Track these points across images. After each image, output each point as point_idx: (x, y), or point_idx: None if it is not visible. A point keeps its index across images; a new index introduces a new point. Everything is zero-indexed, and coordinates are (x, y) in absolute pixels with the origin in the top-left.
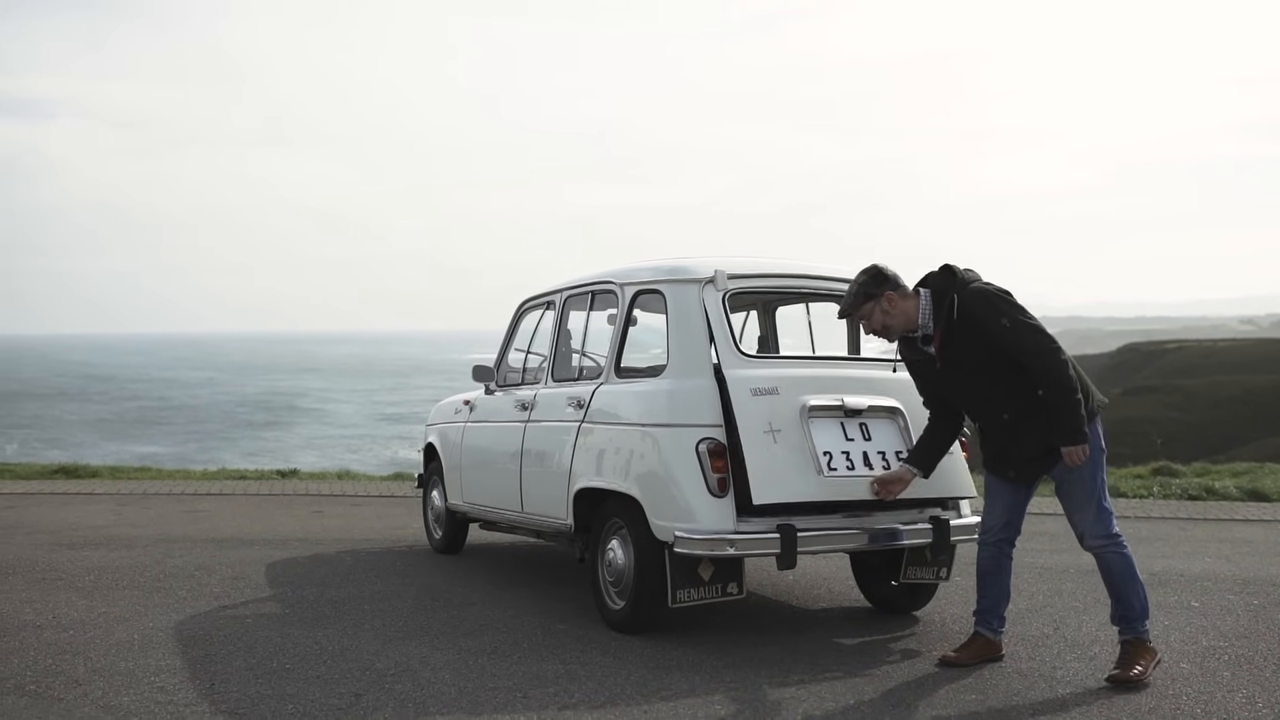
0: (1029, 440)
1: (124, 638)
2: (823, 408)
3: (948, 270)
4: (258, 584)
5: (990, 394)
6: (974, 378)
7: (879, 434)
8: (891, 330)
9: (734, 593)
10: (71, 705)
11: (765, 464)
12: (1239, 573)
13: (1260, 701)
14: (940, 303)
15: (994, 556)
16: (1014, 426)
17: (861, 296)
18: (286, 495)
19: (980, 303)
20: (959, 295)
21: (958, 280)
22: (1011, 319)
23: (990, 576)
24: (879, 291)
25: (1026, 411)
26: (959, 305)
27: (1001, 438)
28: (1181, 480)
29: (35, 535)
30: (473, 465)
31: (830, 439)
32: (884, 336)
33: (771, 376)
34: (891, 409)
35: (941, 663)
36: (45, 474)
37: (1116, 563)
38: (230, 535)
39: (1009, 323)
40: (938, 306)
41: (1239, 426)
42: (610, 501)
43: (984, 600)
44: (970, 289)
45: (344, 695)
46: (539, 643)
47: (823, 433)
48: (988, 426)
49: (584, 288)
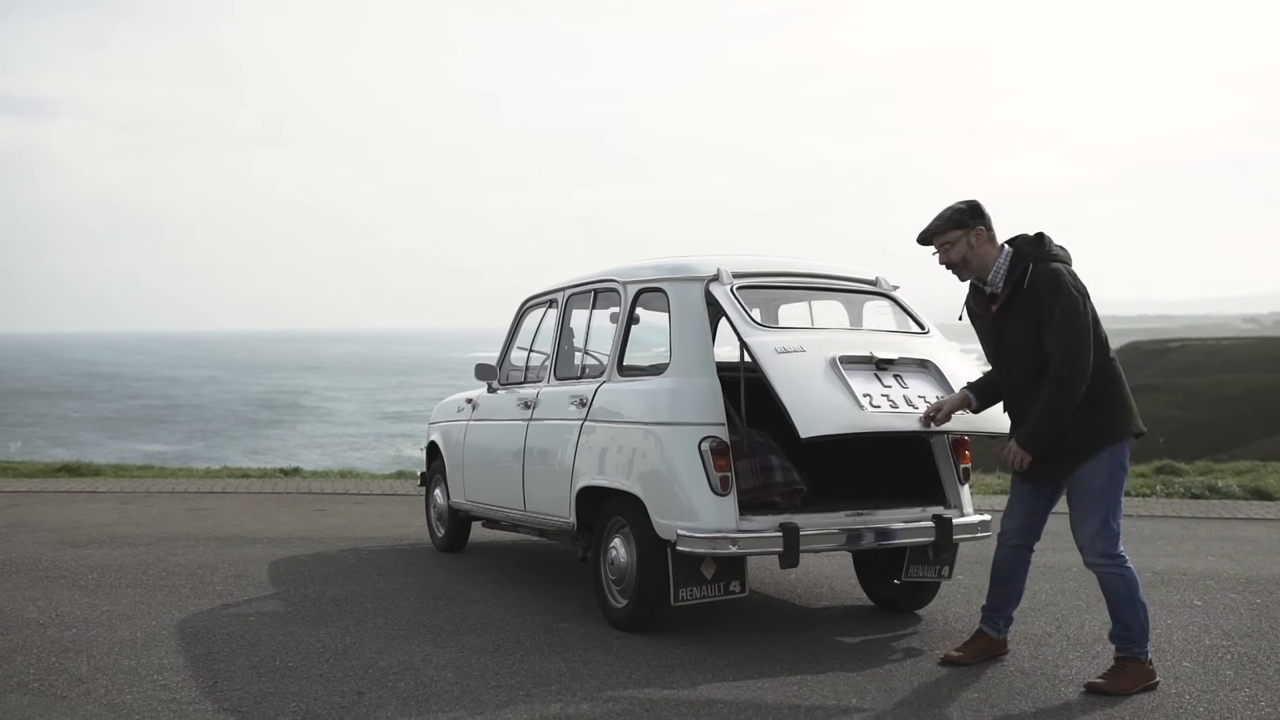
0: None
1: (127, 636)
2: (853, 358)
3: (1040, 238)
4: (260, 582)
5: (1023, 374)
6: (1015, 352)
7: (914, 382)
8: (966, 268)
9: (736, 591)
10: (75, 703)
11: (803, 402)
12: (1242, 571)
13: (1263, 700)
14: (1016, 266)
15: (1011, 559)
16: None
17: (953, 222)
18: (289, 493)
19: (1048, 281)
20: (1034, 266)
21: (1043, 251)
22: (1065, 311)
23: (1004, 577)
24: (973, 224)
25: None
26: (1031, 275)
27: (1020, 424)
28: (1184, 479)
29: (38, 533)
30: (475, 464)
31: (867, 384)
32: (955, 272)
33: (795, 339)
34: (922, 361)
35: (944, 661)
36: (48, 472)
37: (1116, 584)
38: (233, 533)
39: (1059, 313)
40: (1013, 268)
41: (1242, 425)
42: (613, 500)
43: (993, 598)
44: (1048, 266)
45: (346, 693)
46: (541, 641)
47: (858, 379)
48: (1014, 411)
49: (586, 286)
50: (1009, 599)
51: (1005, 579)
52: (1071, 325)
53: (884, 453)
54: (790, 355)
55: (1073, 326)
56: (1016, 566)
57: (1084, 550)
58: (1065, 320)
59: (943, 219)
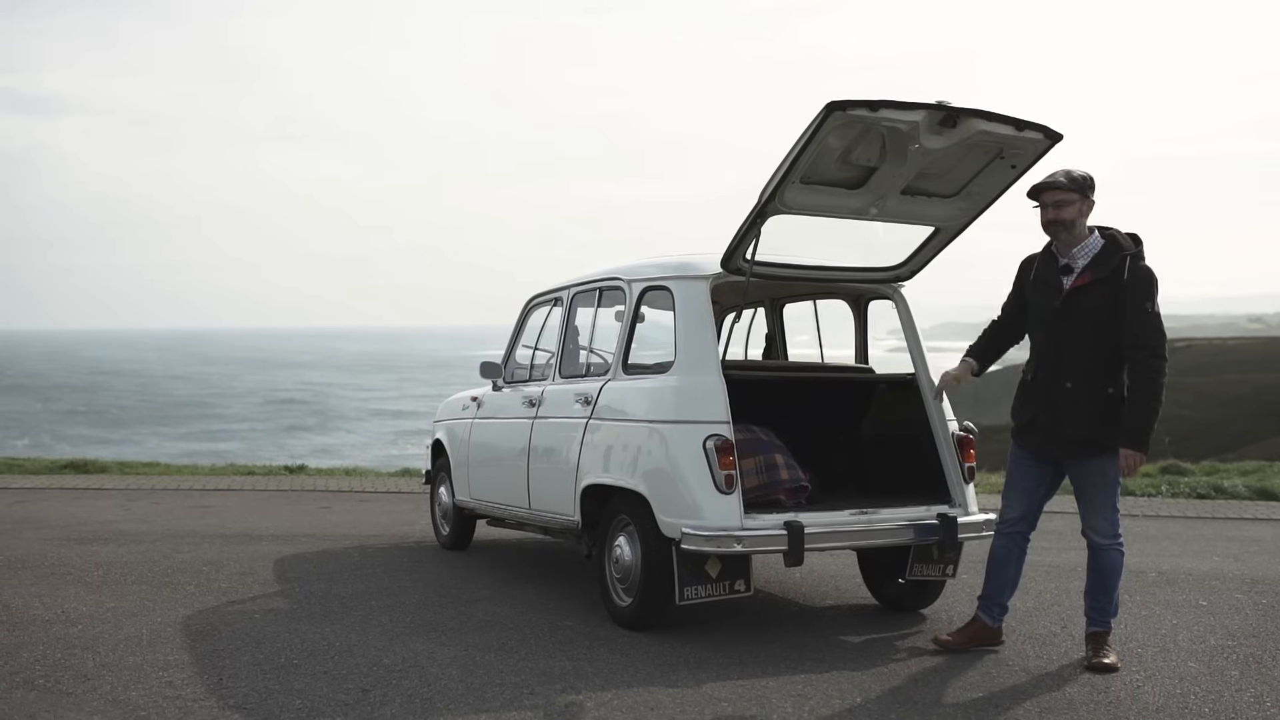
0: (1072, 419)
1: (132, 632)
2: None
3: (1137, 239)
4: (266, 579)
5: (1075, 355)
6: (1075, 332)
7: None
8: (1060, 228)
9: (741, 590)
10: (80, 699)
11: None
12: (1247, 572)
13: (1269, 701)
14: (1110, 254)
15: (1007, 545)
16: (1070, 398)
17: (1074, 186)
18: (294, 491)
19: (1147, 279)
20: (1134, 260)
21: (1141, 250)
22: (1154, 310)
23: (999, 564)
24: (1088, 197)
25: (1088, 393)
26: (1131, 268)
27: (1044, 401)
28: (1190, 479)
29: (44, 530)
30: (480, 462)
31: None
32: (1049, 230)
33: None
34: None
35: (935, 643)
36: (54, 469)
37: (1115, 562)
38: (238, 531)
39: (1151, 310)
40: (1106, 255)
41: (1248, 425)
42: (617, 498)
43: (988, 585)
44: (1146, 264)
45: (351, 691)
46: (546, 639)
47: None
48: (1043, 381)
49: (591, 284)
50: (1004, 586)
51: (1002, 565)
52: (1161, 326)
53: (889, 451)
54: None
55: (1161, 327)
56: (1013, 553)
57: (1094, 531)
58: (1158, 320)
59: (1066, 176)
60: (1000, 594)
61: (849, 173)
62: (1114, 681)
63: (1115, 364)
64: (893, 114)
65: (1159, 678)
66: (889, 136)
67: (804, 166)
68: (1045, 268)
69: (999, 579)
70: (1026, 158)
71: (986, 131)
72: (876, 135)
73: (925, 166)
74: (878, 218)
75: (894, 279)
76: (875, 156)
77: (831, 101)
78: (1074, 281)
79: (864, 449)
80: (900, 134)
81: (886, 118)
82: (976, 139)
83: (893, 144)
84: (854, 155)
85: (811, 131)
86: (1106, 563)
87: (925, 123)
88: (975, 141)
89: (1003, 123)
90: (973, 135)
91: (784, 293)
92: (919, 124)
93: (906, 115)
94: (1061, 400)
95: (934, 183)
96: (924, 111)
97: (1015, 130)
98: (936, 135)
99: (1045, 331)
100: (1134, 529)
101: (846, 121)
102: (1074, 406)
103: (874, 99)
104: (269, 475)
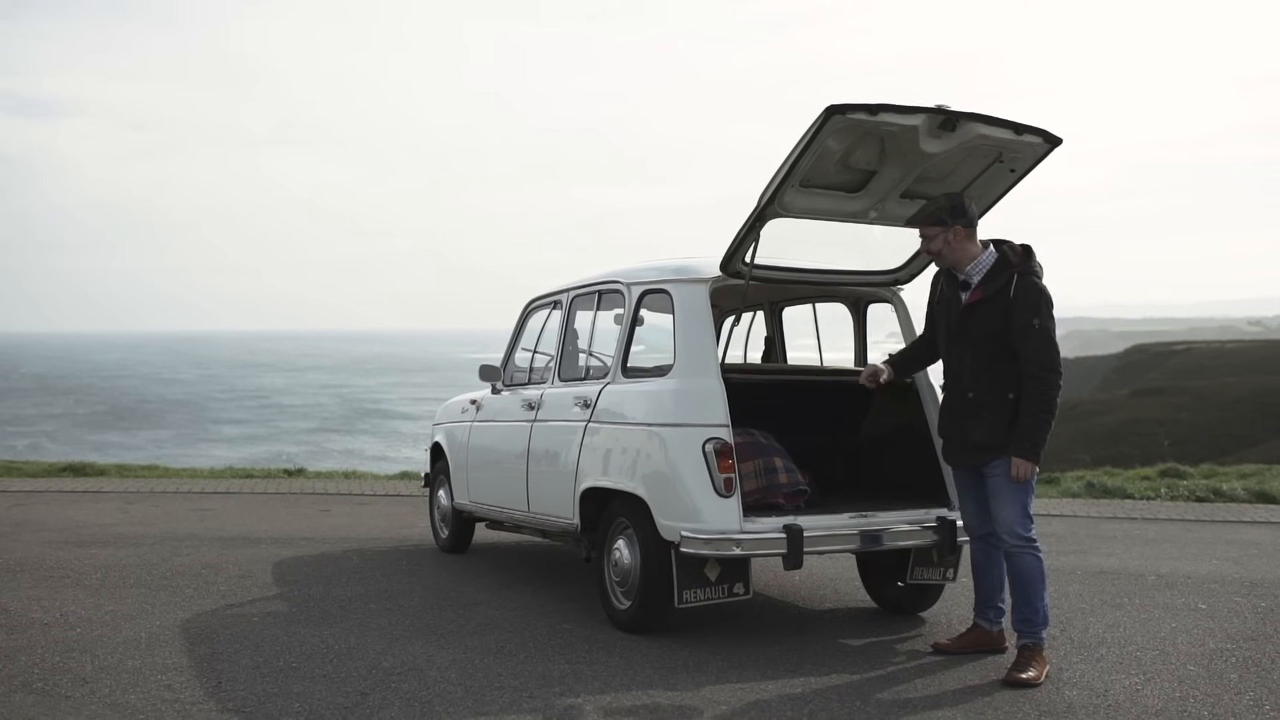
0: (975, 426)
1: (131, 635)
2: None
3: (1028, 252)
4: (264, 582)
5: (973, 367)
6: (978, 345)
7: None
8: (941, 259)
9: (740, 593)
10: (79, 703)
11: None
12: (1246, 575)
13: (1268, 704)
14: (1000, 271)
15: (984, 550)
16: (971, 407)
17: (933, 218)
18: (293, 494)
19: (1033, 295)
20: (1020, 277)
21: (1029, 265)
22: (1043, 325)
23: (981, 570)
24: (951, 223)
25: (989, 402)
26: (1018, 284)
27: (953, 412)
28: (1189, 482)
29: (43, 533)
30: (479, 465)
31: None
32: (933, 259)
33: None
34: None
35: (933, 648)
36: (53, 472)
37: (1031, 565)
38: (237, 534)
39: (1039, 325)
40: (996, 272)
41: (1247, 428)
42: (616, 501)
43: (978, 592)
44: (1034, 279)
45: (350, 694)
46: (545, 642)
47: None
48: (951, 393)
49: (591, 287)
50: (992, 590)
51: (984, 571)
52: (1051, 340)
53: (888, 455)
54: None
55: (1052, 341)
56: (992, 557)
57: (1003, 533)
58: (1047, 335)
59: (925, 213)
60: (992, 597)
61: (848, 176)
62: (1113, 684)
63: (1015, 373)
64: (892, 118)
65: (1158, 681)
66: (888, 140)
67: (803, 170)
68: (948, 285)
69: (986, 584)
70: (1026, 161)
71: (986, 135)
72: (876, 139)
73: (924, 170)
74: (877, 221)
75: (893, 282)
76: (874, 160)
77: (831, 105)
78: (968, 299)
79: (863, 452)
80: (899, 138)
81: (886, 121)
82: (976, 143)
83: (892, 148)
84: (853, 159)
85: (811, 135)
86: (1022, 567)
87: (925, 126)
88: (974, 145)
89: (1002, 126)
90: (972, 139)
91: (783, 296)
92: (918, 128)
93: (906, 119)
94: (966, 409)
95: (933, 186)
96: (923, 115)
97: (1014, 134)
98: (936, 139)
99: (947, 346)
100: (1133, 532)
101: (846, 125)
102: (977, 413)
103: (873, 103)
104: (267, 478)
